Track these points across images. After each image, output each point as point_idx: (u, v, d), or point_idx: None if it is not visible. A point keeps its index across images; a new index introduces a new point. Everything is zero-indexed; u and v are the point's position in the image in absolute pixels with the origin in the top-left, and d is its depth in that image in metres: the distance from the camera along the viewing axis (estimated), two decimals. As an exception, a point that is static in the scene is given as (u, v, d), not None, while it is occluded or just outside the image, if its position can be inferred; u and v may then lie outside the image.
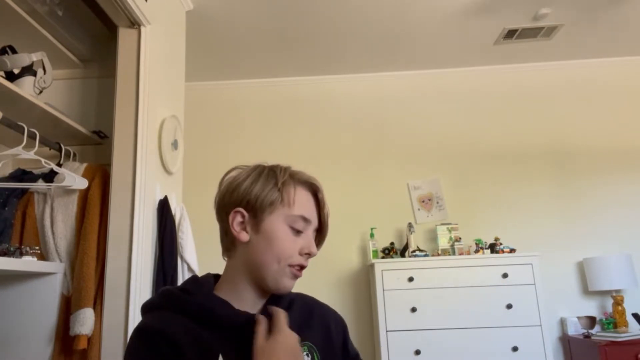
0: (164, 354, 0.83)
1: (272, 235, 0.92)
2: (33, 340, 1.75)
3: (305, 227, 0.94)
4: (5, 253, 1.59)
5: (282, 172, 0.96)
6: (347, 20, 2.98)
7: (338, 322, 1.05)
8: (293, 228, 0.93)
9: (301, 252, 0.93)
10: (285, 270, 0.91)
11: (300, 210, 0.93)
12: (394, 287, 2.95)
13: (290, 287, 0.93)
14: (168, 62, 2.36)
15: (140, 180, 1.94)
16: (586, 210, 3.42)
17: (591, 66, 3.64)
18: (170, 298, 0.93)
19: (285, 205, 0.93)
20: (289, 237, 0.92)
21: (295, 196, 0.94)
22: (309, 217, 0.95)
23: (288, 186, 0.95)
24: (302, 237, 0.94)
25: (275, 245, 0.91)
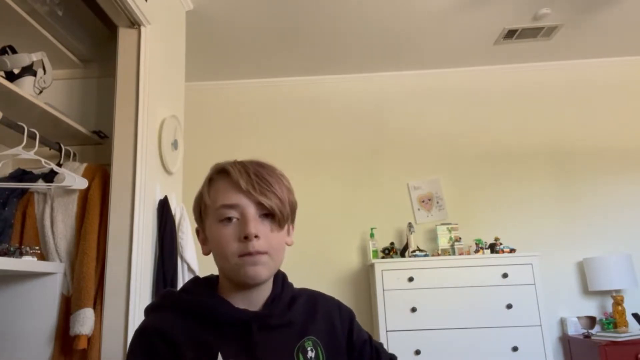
0: (161, 354, 0.84)
1: (212, 239, 0.91)
2: (33, 340, 1.75)
3: (234, 212, 0.89)
4: (5, 253, 1.59)
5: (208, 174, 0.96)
6: (347, 21, 2.98)
7: (344, 314, 1.03)
8: (221, 221, 0.89)
9: (239, 239, 0.88)
10: (237, 262, 0.88)
11: (219, 200, 0.90)
12: (394, 287, 2.95)
13: (255, 274, 0.88)
14: (168, 62, 2.36)
15: (140, 180, 1.94)
16: (586, 210, 3.42)
17: (591, 66, 3.64)
18: (170, 298, 0.95)
19: (210, 206, 0.92)
20: (222, 232, 0.89)
21: (213, 190, 0.92)
22: (230, 201, 0.89)
23: (206, 186, 0.94)
24: (237, 223, 0.89)
25: (217, 246, 0.90)
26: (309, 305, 1.00)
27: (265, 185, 0.90)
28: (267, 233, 0.90)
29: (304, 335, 0.93)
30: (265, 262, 0.89)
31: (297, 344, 0.92)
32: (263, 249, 0.88)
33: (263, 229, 0.89)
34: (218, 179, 0.93)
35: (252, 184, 0.89)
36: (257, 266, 0.88)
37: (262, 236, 0.89)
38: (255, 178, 0.90)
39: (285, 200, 0.92)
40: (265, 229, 0.90)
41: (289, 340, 0.92)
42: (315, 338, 0.94)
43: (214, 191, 0.92)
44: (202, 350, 0.85)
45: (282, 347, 0.91)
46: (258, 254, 0.88)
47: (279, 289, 0.97)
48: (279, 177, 0.94)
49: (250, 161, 0.94)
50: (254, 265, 0.88)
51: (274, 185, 0.91)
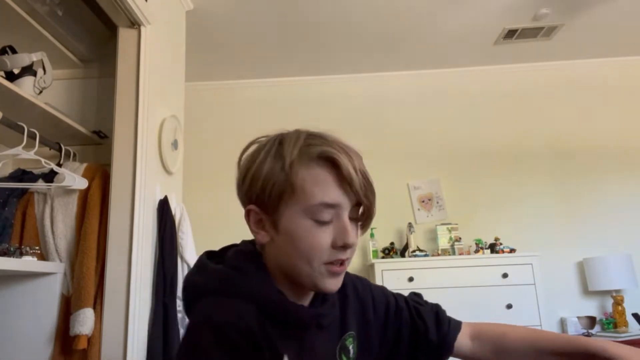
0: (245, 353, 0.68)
1: (294, 234, 0.75)
2: (33, 340, 1.75)
3: (334, 213, 0.75)
4: (5, 253, 1.59)
5: (290, 148, 0.77)
6: (347, 21, 2.98)
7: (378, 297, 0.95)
8: (317, 220, 0.75)
9: (335, 245, 0.75)
10: (320, 270, 0.75)
11: (318, 196, 0.74)
12: (394, 287, 2.89)
13: (334, 286, 0.78)
14: (168, 62, 2.36)
15: (140, 180, 1.94)
16: (586, 210, 3.42)
17: (591, 66, 3.64)
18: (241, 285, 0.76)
19: (299, 195, 0.75)
20: (314, 233, 0.74)
21: (307, 181, 0.75)
22: (333, 201, 0.75)
23: (296, 169, 0.75)
24: (333, 227, 0.75)
25: (300, 245, 0.75)
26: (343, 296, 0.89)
27: (369, 184, 0.78)
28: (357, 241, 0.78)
29: (344, 332, 0.85)
30: (345, 273, 0.80)
31: (339, 343, 0.84)
32: (351, 258, 0.78)
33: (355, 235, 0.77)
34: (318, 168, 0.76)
35: (362, 182, 0.77)
36: (338, 279, 0.78)
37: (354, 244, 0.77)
38: (363, 175, 0.78)
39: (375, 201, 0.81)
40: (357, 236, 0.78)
41: (332, 339, 0.84)
42: (354, 332, 0.87)
43: (312, 181, 0.75)
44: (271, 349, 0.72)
45: (327, 348, 0.83)
46: (344, 265, 0.77)
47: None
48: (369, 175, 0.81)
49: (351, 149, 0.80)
50: (338, 277, 0.77)
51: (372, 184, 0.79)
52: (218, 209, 3.52)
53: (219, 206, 3.51)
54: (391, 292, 1.01)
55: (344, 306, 0.89)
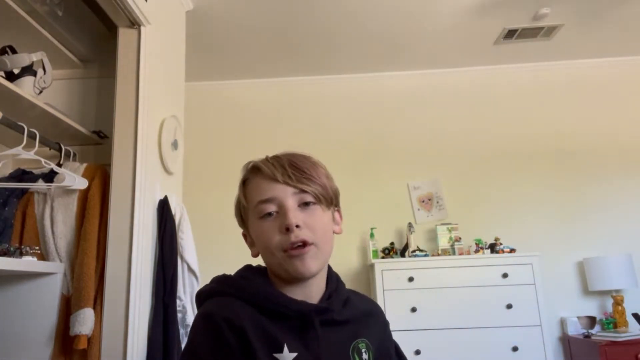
0: (231, 343, 0.80)
1: (256, 237, 0.91)
2: (33, 340, 1.75)
3: (273, 206, 0.88)
4: (5, 253, 1.59)
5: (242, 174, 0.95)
6: (347, 20, 2.98)
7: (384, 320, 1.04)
8: (261, 217, 0.88)
9: (281, 232, 0.86)
10: (283, 257, 0.86)
11: (255, 198, 0.89)
12: (394, 287, 2.95)
13: (302, 268, 0.86)
14: (168, 62, 2.36)
15: (140, 180, 1.94)
16: (586, 210, 3.42)
17: (591, 66, 3.64)
18: (231, 284, 0.90)
19: (248, 205, 0.91)
20: (262, 227, 0.88)
21: (248, 190, 0.92)
22: (266, 196, 0.88)
23: (241, 189, 0.94)
24: (277, 217, 0.87)
25: (261, 242, 0.89)
26: (362, 307, 0.99)
27: (300, 173, 0.89)
28: (309, 222, 0.87)
29: (358, 337, 0.92)
30: (313, 255, 0.87)
31: (352, 344, 0.90)
32: (308, 238, 0.86)
33: (305, 217, 0.87)
34: (251, 178, 0.92)
35: (288, 174, 0.88)
36: (304, 260, 0.86)
37: (305, 225, 0.86)
38: (290, 169, 0.88)
39: (326, 186, 0.91)
40: (308, 217, 0.87)
41: (345, 338, 0.90)
42: (368, 341, 0.93)
43: (249, 190, 0.92)
44: (267, 340, 0.82)
45: (339, 344, 0.89)
46: (304, 247, 0.85)
47: (334, 285, 0.96)
48: (314, 164, 0.92)
49: (283, 153, 0.93)
50: (302, 260, 0.86)
51: (310, 171, 0.90)
52: (218, 209, 3.51)
53: (219, 206, 3.51)
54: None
55: (368, 316, 0.98)
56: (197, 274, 2.09)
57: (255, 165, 0.92)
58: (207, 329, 0.82)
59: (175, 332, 1.91)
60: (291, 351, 0.81)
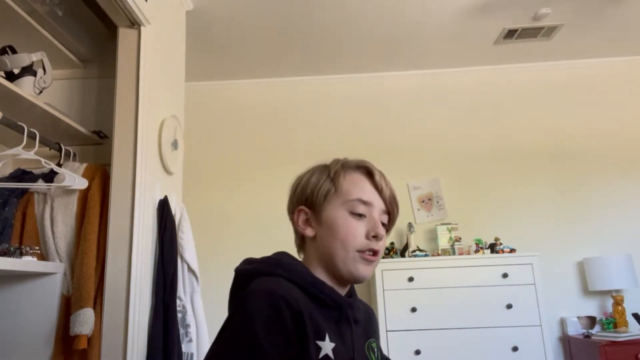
0: (287, 323, 0.80)
1: (334, 223, 0.93)
2: (33, 340, 1.75)
3: (367, 210, 0.94)
4: (5, 253, 1.59)
5: (334, 164, 0.99)
6: (347, 20, 2.98)
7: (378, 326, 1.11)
8: (353, 213, 0.93)
9: (367, 236, 0.92)
10: (354, 256, 0.91)
11: (355, 194, 0.94)
12: (394, 287, 2.95)
13: (366, 273, 0.93)
14: (168, 62, 2.36)
15: (140, 180, 1.94)
16: (586, 210, 3.42)
17: (591, 66, 3.64)
18: (282, 266, 0.91)
19: (340, 193, 0.95)
20: (350, 222, 0.92)
21: (347, 182, 0.96)
22: (368, 199, 0.95)
23: (339, 174, 0.97)
24: (366, 221, 0.93)
25: (339, 232, 0.92)
26: (367, 312, 1.05)
27: (394, 200, 1.00)
28: (383, 239, 0.96)
29: (368, 337, 0.98)
30: (375, 265, 0.95)
31: (366, 342, 0.96)
32: (380, 251, 0.94)
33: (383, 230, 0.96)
34: (357, 174, 0.98)
35: (389, 194, 0.98)
36: (369, 267, 0.93)
37: (382, 240, 0.95)
38: (390, 191, 0.99)
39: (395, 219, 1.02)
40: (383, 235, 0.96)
41: (362, 336, 0.96)
42: (376, 342, 1.00)
43: (352, 183, 0.96)
44: (314, 326, 0.83)
45: (360, 341, 0.94)
46: (375, 255, 0.93)
47: (352, 289, 1.02)
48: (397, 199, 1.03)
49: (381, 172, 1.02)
50: (369, 265, 0.93)
51: (397, 203, 1.02)
52: (218, 209, 3.52)
53: (219, 206, 3.52)
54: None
55: (371, 320, 1.05)
56: (197, 274, 2.09)
57: (369, 169, 0.99)
58: (268, 306, 0.81)
59: (175, 332, 1.91)
60: (331, 341, 0.84)
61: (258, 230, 3.43)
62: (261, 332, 0.78)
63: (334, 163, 1.00)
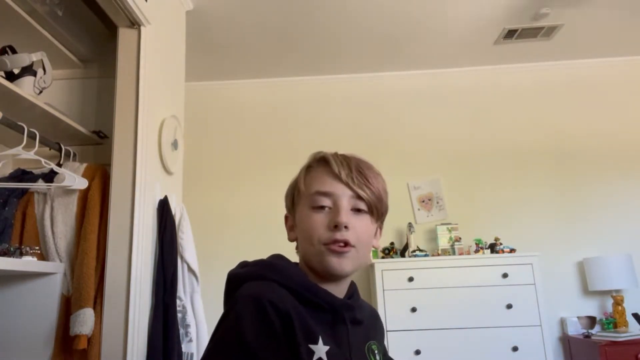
0: (276, 327, 0.80)
1: (300, 222, 0.92)
2: (33, 340, 1.75)
3: (330, 200, 0.90)
4: (5, 253, 1.59)
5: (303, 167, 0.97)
6: (347, 20, 2.98)
7: (383, 329, 1.10)
8: (314, 207, 0.90)
9: (329, 227, 0.88)
10: (321, 249, 0.88)
11: (314, 187, 0.92)
12: (394, 287, 2.95)
13: (337, 266, 0.88)
14: (168, 62, 2.36)
15: (140, 180, 1.94)
16: (586, 210, 3.42)
17: (591, 66, 3.64)
18: (272, 269, 0.90)
19: (303, 192, 0.93)
20: (313, 218, 0.90)
21: (308, 178, 0.94)
22: (327, 189, 0.90)
23: (302, 174, 0.96)
24: (329, 212, 0.90)
25: (304, 229, 0.91)
26: (370, 313, 1.03)
27: (363, 179, 0.91)
28: (357, 227, 0.89)
29: (370, 338, 0.96)
30: (351, 256, 0.89)
31: (366, 344, 0.94)
32: (351, 240, 0.88)
33: (354, 221, 0.89)
34: (316, 167, 0.94)
35: (352, 176, 0.90)
36: (341, 259, 0.88)
37: (352, 228, 0.88)
38: (355, 172, 0.91)
39: (382, 199, 0.94)
40: (356, 222, 0.90)
41: (362, 338, 0.94)
42: (377, 343, 0.98)
43: (311, 178, 0.94)
44: (305, 330, 0.82)
45: (359, 343, 0.92)
46: (346, 246, 0.87)
47: (353, 289, 1.00)
48: (376, 174, 0.95)
49: (352, 155, 0.95)
50: (339, 257, 0.88)
51: (372, 180, 0.92)
52: (218, 209, 3.52)
53: (219, 206, 3.52)
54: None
55: (375, 320, 1.03)
56: (197, 274, 2.09)
57: (325, 158, 0.94)
58: (255, 311, 0.80)
59: (175, 332, 1.91)
60: (325, 344, 0.82)
61: (258, 230, 3.43)
62: (250, 338, 0.78)
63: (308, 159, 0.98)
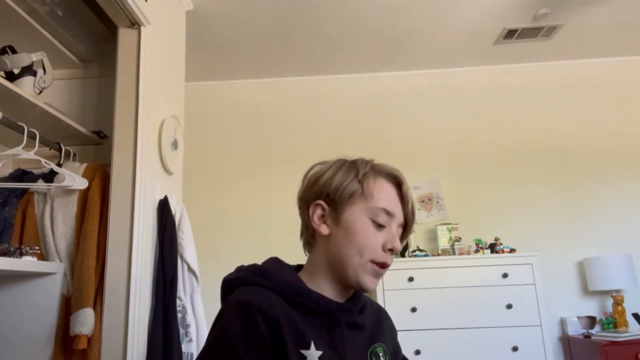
0: (264, 333, 0.79)
1: (353, 227, 0.89)
2: (33, 340, 1.75)
3: (388, 221, 0.90)
4: (5, 253, 1.59)
5: (363, 164, 0.94)
6: (347, 20, 2.98)
7: (393, 327, 1.07)
8: (375, 222, 0.89)
9: (384, 248, 0.89)
10: (366, 265, 0.88)
11: (382, 202, 0.90)
12: (394, 287, 2.95)
13: (372, 284, 0.89)
14: (168, 62, 2.36)
15: (140, 180, 1.94)
16: (586, 210, 3.42)
17: (591, 66, 3.64)
18: (264, 274, 0.89)
19: (366, 198, 0.90)
20: (370, 231, 0.88)
21: (376, 188, 0.91)
22: (392, 210, 0.91)
23: (369, 178, 0.92)
24: (385, 232, 0.89)
25: (356, 238, 0.88)
26: (376, 315, 1.01)
27: (414, 214, 0.96)
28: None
29: (374, 341, 0.94)
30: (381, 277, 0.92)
31: (370, 348, 0.92)
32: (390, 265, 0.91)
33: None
34: (386, 181, 0.94)
35: (410, 210, 0.94)
36: (377, 279, 0.90)
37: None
38: (412, 207, 0.95)
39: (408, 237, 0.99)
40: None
41: (363, 342, 0.92)
42: (384, 346, 0.95)
43: (379, 189, 0.92)
44: (296, 335, 0.81)
45: (360, 347, 0.90)
46: (385, 268, 0.90)
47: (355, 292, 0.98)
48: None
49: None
50: (377, 277, 0.90)
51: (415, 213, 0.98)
52: (218, 209, 3.52)
53: (219, 206, 3.52)
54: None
55: (381, 321, 1.01)
56: (197, 274, 2.09)
57: (400, 180, 0.95)
58: (242, 317, 0.80)
59: (175, 332, 1.91)
60: (317, 349, 0.81)
61: (258, 230, 3.43)
62: (238, 344, 0.78)
63: (362, 163, 0.94)
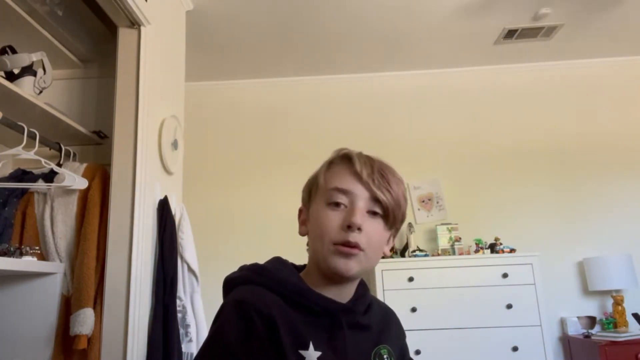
0: (260, 333, 0.79)
1: (314, 219, 0.89)
2: (33, 340, 1.75)
3: (347, 199, 0.87)
4: (5, 253, 1.59)
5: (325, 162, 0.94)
6: (347, 20, 2.98)
7: (402, 330, 1.05)
8: (330, 204, 0.87)
9: (342, 227, 0.85)
10: (330, 248, 0.85)
11: (333, 183, 0.88)
12: (394, 287, 2.95)
13: (343, 266, 0.85)
14: (168, 62, 2.36)
15: (140, 180, 1.94)
16: (586, 210, 3.42)
17: (591, 66, 3.64)
18: (264, 274, 0.89)
19: (322, 187, 0.90)
20: (327, 214, 0.86)
21: (328, 174, 0.91)
22: (346, 187, 0.87)
23: (323, 169, 0.93)
24: (344, 211, 0.86)
25: (318, 227, 0.87)
26: (383, 315, 1.00)
27: (384, 182, 0.88)
28: (370, 230, 0.86)
29: (379, 343, 0.92)
30: (359, 259, 0.86)
31: (374, 349, 0.91)
32: (362, 244, 0.85)
33: (368, 224, 0.86)
34: (339, 163, 0.91)
35: (373, 177, 0.87)
36: (348, 260, 0.85)
37: (365, 231, 0.85)
38: (377, 173, 0.88)
39: (400, 205, 0.90)
40: (370, 225, 0.87)
41: (367, 343, 0.91)
42: (390, 348, 0.94)
43: (331, 173, 0.91)
44: (294, 335, 0.81)
45: (362, 347, 0.89)
46: (354, 248, 0.84)
47: (361, 291, 0.97)
48: (398, 180, 0.92)
49: (376, 157, 0.93)
50: (347, 258, 0.85)
51: (392, 185, 0.89)
52: (218, 209, 3.52)
53: (219, 206, 3.52)
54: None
55: (388, 323, 1.00)
56: (197, 274, 2.09)
57: (348, 155, 0.91)
58: (238, 316, 0.80)
59: (175, 332, 1.91)
60: (316, 349, 0.81)
61: (258, 230, 3.43)
62: (234, 343, 0.78)
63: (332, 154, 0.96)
